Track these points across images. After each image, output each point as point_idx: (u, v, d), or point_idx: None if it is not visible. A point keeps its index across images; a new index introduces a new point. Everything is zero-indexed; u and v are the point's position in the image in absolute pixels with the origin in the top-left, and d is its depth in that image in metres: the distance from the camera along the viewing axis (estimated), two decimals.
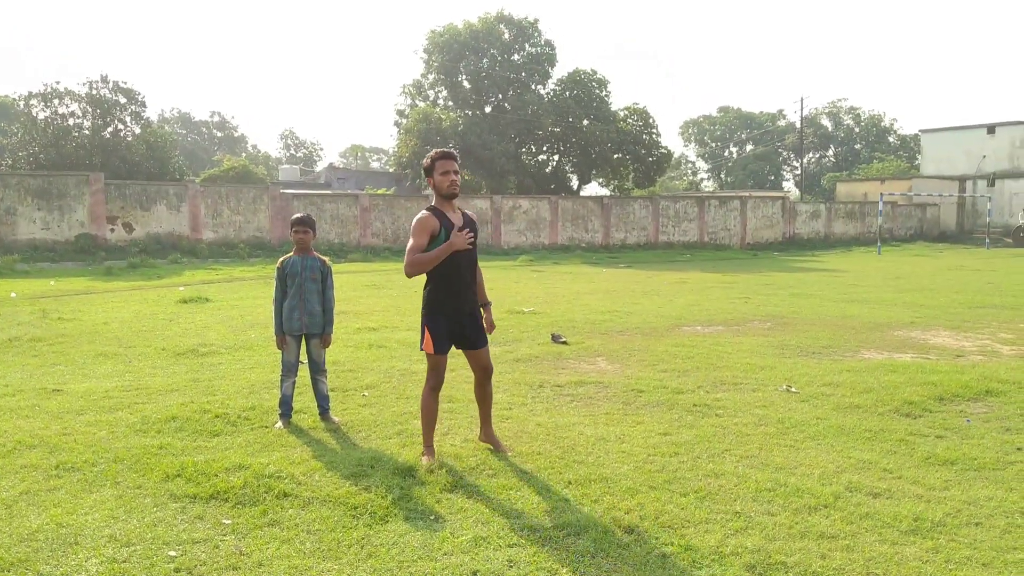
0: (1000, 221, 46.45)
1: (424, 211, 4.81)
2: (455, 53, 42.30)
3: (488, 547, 3.67)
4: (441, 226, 4.74)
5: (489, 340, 5.17)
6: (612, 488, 4.42)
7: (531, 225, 35.34)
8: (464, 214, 4.95)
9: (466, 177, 44.89)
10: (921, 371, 7.58)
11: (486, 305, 5.17)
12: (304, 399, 6.23)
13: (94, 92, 33.47)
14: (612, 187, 47.51)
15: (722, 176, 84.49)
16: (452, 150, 4.75)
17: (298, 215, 5.99)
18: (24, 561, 3.50)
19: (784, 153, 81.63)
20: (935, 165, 52.22)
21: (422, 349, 4.92)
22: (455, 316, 4.88)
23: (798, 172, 74.02)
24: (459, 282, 4.86)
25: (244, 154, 75.44)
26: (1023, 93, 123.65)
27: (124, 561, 3.51)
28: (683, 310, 12.97)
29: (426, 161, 4.87)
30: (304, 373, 6.09)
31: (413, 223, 4.77)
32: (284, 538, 3.77)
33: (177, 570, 3.44)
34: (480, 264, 5.19)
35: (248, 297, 15.07)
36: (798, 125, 66.55)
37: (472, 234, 4.79)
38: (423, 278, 4.86)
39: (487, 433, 5.20)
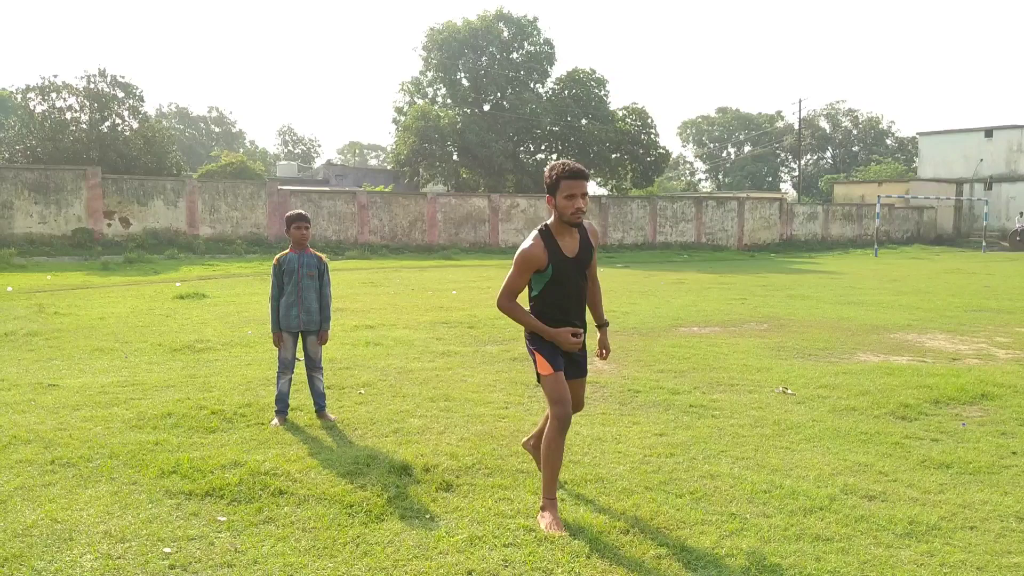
0: (996, 224, 46.58)
1: (534, 235, 4.01)
2: (454, 51, 42.27)
3: (483, 546, 3.66)
4: (549, 262, 3.97)
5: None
6: (608, 489, 4.42)
7: (529, 224, 35.30)
8: (583, 233, 4.12)
9: (464, 175, 44.92)
10: (917, 374, 7.59)
11: (603, 326, 4.45)
12: (300, 396, 6.22)
13: (92, 86, 33.38)
14: (610, 187, 47.54)
15: (720, 177, 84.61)
16: (582, 167, 3.93)
17: (297, 211, 5.97)
18: (19, 556, 3.49)
19: (782, 154, 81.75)
20: (932, 168, 52.32)
21: (537, 375, 4.11)
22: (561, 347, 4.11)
23: (796, 174, 74.10)
24: (569, 306, 4.12)
25: (242, 150, 75.29)
26: (1021, 97, 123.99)
27: (119, 557, 3.50)
28: (680, 311, 12.98)
29: (549, 176, 3.96)
30: (300, 370, 6.08)
31: (518, 252, 4.01)
32: (279, 536, 3.76)
33: (172, 567, 3.43)
34: (477, 263, 5.06)
35: (245, 293, 15.05)
36: (796, 127, 66.63)
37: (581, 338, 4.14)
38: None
39: (536, 443, 4.52)
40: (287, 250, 5.96)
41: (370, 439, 5.35)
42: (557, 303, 4.08)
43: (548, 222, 4.05)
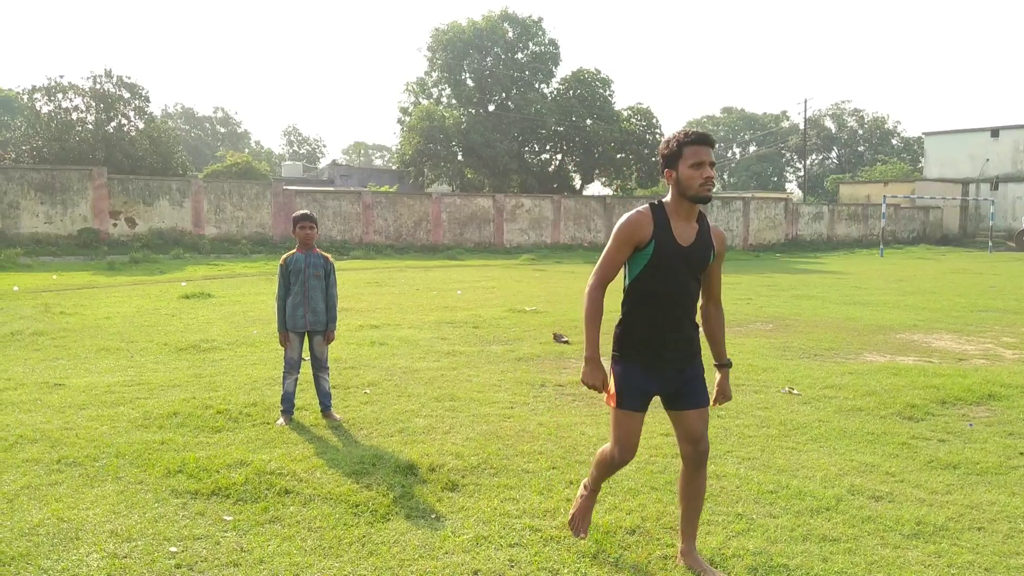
0: (1003, 225, 46.38)
1: (642, 209, 3.27)
2: (459, 51, 42.32)
3: (489, 546, 3.66)
4: (652, 238, 3.22)
5: (699, 400, 3.53)
6: (614, 488, 4.41)
7: (534, 224, 35.31)
8: (704, 227, 3.33)
9: (469, 175, 44.94)
10: (924, 374, 7.56)
11: (724, 366, 3.64)
12: (306, 396, 6.22)
13: (98, 86, 33.48)
14: (615, 187, 47.53)
15: (725, 177, 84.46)
16: (709, 133, 3.22)
17: (303, 211, 5.99)
18: (25, 555, 3.50)
19: (787, 154, 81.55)
20: (938, 168, 52.14)
21: (606, 402, 3.46)
22: (656, 364, 3.36)
23: (801, 174, 73.93)
24: (670, 317, 3.32)
25: (247, 150, 75.47)
26: None
27: (125, 557, 3.51)
28: None
29: (667, 146, 3.24)
30: (306, 370, 6.09)
31: (619, 221, 3.27)
32: (285, 535, 3.77)
33: (178, 566, 3.43)
34: (482, 263, 4.97)
35: (250, 293, 15.08)
36: (801, 127, 66.47)
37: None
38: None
39: (688, 548, 3.49)
40: (294, 250, 5.97)
41: (375, 439, 5.35)
42: (658, 299, 3.29)
43: (664, 198, 3.33)
